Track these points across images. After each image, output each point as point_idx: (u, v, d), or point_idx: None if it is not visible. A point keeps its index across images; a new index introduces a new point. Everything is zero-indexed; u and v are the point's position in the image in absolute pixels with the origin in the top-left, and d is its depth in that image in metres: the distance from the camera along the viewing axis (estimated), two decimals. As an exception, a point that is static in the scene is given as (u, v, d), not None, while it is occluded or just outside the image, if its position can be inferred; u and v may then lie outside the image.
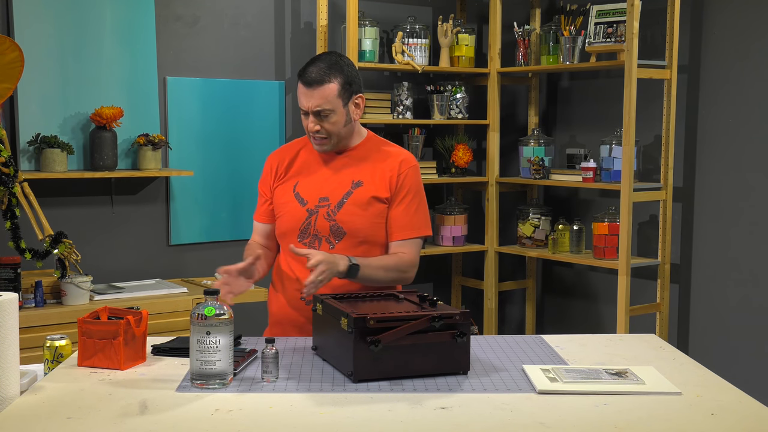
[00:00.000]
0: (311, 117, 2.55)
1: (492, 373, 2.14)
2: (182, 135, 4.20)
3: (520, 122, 5.18)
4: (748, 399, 1.97)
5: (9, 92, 3.08)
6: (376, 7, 4.71)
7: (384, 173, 2.62)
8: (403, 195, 2.63)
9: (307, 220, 2.60)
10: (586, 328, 4.91)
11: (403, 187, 2.63)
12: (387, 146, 2.71)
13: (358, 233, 2.58)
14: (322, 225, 2.59)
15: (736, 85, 4.23)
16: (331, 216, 2.59)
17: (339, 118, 2.56)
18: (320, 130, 2.56)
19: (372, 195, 2.60)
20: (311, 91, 2.53)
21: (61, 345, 2.21)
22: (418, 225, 2.63)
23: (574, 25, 4.50)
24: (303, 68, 2.58)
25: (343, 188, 2.61)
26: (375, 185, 2.61)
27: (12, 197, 3.14)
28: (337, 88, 2.54)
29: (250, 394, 1.97)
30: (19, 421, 1.80)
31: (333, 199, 2.60)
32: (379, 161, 2.64)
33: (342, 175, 2.63)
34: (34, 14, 3.80)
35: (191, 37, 4.22)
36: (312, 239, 2.60)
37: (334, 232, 2.58)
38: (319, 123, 2.55)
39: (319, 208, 2.60)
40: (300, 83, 2.56)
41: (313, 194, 2.62)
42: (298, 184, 2.65)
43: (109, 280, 3.96)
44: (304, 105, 2.55)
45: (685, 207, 4.46)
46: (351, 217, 2.58)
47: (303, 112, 2.57)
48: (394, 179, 2.62)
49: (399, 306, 2.24)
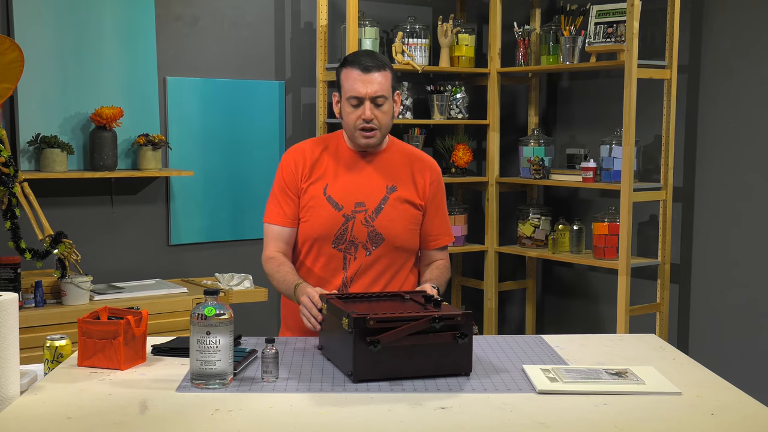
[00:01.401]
0: (368, 104, 2.47)
1: (492, 373, 2.14)
2: (182, 135, 4.20)
3: (520, 122, 5.18)
4: (748, 399, 1.97)
5: (9, 92, 3.07)
6: (376, 7, 4.71)
7: (417, 180, 2.61)
8: (438, 202, 2.65)
9: (343, 225, 2.53)
10: (586, 328, 4.91)
11: (437, 194, 2.65)
12: (410, 150, 2.68)
13: (396, 239, 2.57)
14: (359, 231, 2.53)
15: (736, 85, 4.23)
16: (369, 222, 2.54)
17: (390, 108, 2.52)
18: (374, 120, 2.48)
19: (408, 200, 2.59)
20: (370, 76, 2.46)
21: (61, 345, 2.21)
22: (450, 231, 2.72)
23: (574, 25, 4.50)
24: (351, 59, 2.51)
25: (378, 193, 2.56)
26: (409, 191, 2.59)
27: (12, 197, 3.14)
28: (391, 76, 2.52)
29: (250, 394, 1.97)
30: (19, 421, 1.80)
31: (370, 204, 2.54)
32: (409, 166, 2.62)
33: (375, 179, 2.57)
34: (34, 14, 3.80)
35: (191, 37, 4.22)
36: (348, 245, 2.54)
37: (372, 239, 2.54)
38: (374, 112, 2.48)
39: (356, 213, 2.53)
40: (355, 70, 2.47)
41: (348, 199, 2.54)
42: (329, 186, 2.55)
43: (109, 280, 3.96)
44: (361, 91, 2.46)
45: (685, 207, 4.46)
46: (390, 222, 2.55)
47: (354, 102, 2.48)
48: (427, 187, 2.62)
49: (403, 306, 2.24)
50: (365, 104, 2.47)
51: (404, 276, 2.64)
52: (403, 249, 2.60)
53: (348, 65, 2.51)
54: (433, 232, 2.66)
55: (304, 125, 4.56)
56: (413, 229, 2.61)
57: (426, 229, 2.65)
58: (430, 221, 2.64)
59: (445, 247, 2.71)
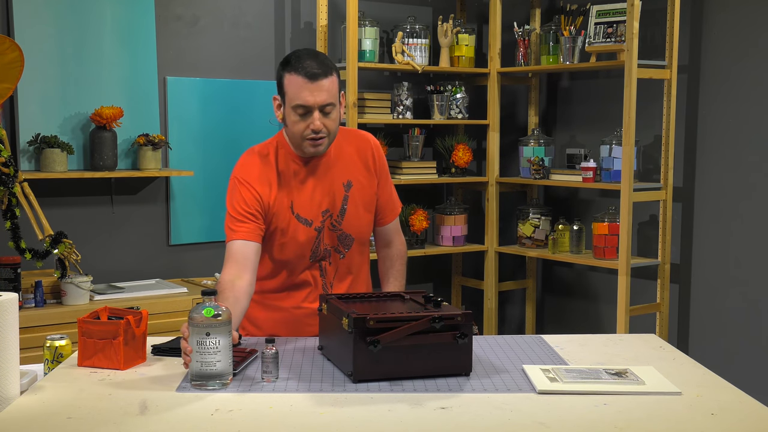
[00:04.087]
0: (316, 114, 2.33)
1: (492, 373, 2.14)
2: (182, 135, 4.20)
3: (520, 122, 5.18)
4: (748, 399, 1.97)
5: (9, 92, 3.07)
6: (376, 7, 4.71)
7: (364, 160, 2.54)
8: (384, 176, 2.59)
9: (316, 239, 2.49)
10: (586, 328, 4.91)
11: (382, 169, 2.58)
12: (345, 131, 2.57)
13: (362, 235, 2.55)
14: (329, 237, 2.50)
15: (736, 85, 4.23)
16: (336, 226, 2.50)
17: (337, 114, 2.41)
18: (323, 129, 2.35)
19: (365, 190, 2.54)
20: (317, 84, 2.31)
21: (61, 345, 2.21)
22: (398, 202, 2.68)
23: (574, 25, 4.50)
24: (295, 63, 2.34)
25: (339, 194, 2.50)
26: (362, 177, 2.53)
27: (12, 197, 3.14)
28: (337, 81, 2.40)
29: (250, 394, 1.97)
30: (19, 421, 1.80)
31: (333, 209, 2.50)
32: (354, 150, 2.53)
33: (332, 182, 2.49)
34: (34, 14, 3.80)
35: (191, 37, 4.22)
36: (323, 254, 2.51)
37: (342, 241, 2.52)
38: (323, 121, 2.35)
39: (324, 222, 2.49)
40: (299, 77, 2.32)
41: (314, 211, 2.48)
42: (294, 204, 2.46)
43: (109, 280, 3.96)
44: (308, 101, 2.32)
45: (685, 207, 4.46)
46: (355, 221, 2.52)
47: (301, 111, 2.34)
48: (372, 164, 2.55)
49: (403, 306, 2.23)
50: (314, 114, 2.34)
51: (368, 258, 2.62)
52: (367, 239, 2.60)
53: (291, 70, 2.34)
54: (387, 206, 2.61)
55: (304, 125, 4.55)
56: (372, 217, 2.58)
57: (381, 202, 2.59)
58: (381, 194, 2.58)
59: (397, 220, 2.67)
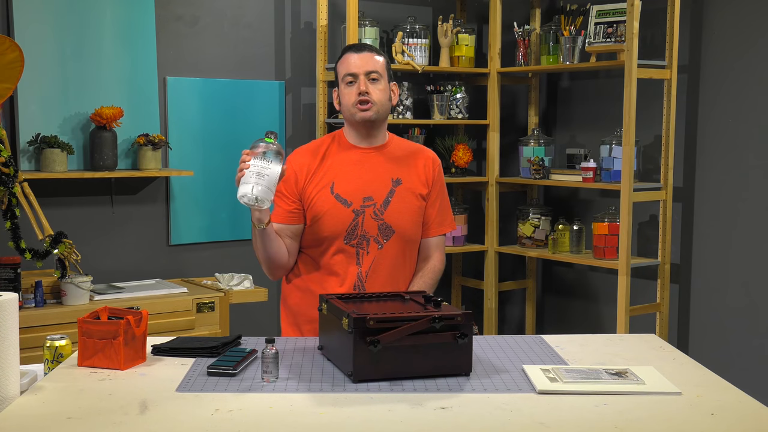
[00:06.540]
0: (362, 78, 2.56)
1: (492, 373, 2.14)
2: (182, 135, 4.20)
3: (520, 122, 5.18)
4: (748, 399, 1.97)
5: (9, 92, 3.08)
6: (376, 7, 4.71)
7: (419, 170, 2.68)
8: (438, 191, 2.71)
9: (353, 221, 2.59)
10: (586, 328, 4.91)
11: (437, 183, 2.71)
12: (410, 144, 2.76)
13: (405, 231, 2.63)
14: (370, 225, 2.59)
15: (736, 85, 4.23)
16: (379, 215, 2.60)
17: (385, 89, 2.60)
18: (369, 94, 2.56)
19: (413, 191, 2.65)
20: (363, 55, 2.58)
21: (61, 345, 2.21)
22: (450, 220, 2.76)
23: (574, 25, 4.50)
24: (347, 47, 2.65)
25: (384, 186, 2.62)
26: (413, 182, 2.65)
27: (12, 197, 3.14)
28: (385, 61, 2.62)
29: (250, 394, 1.97)
30: (19, 421, 1.80)
31: (377, 198, 2.61)
32: (411, 158, 2.69)
33: (380, 173, 2.63)
34: (34, 14, 3.80)
35: (191, 37, 4.22)
36: (360, 240, 2.60)
37: (382, 232, 2.61)
38: (368, 86, 2.56)
39: (365, 208, 2.59)
40: (349, 53, 2.60)
41: (356, 194, 2.60)
42: (335, 185, 2.61)
43: (109, 280, 3.96)
44: (353, 68, 2.56)
45: (685, 207, 4.46)
46: (399, 215, 2.62)
47: (350, 79, 2.57)
48: (430, 176, 2.68)
49: (403, 306, 2.24)
50: (360, 79, 2.56)
51: (412, 267, 2.70)
52: (412, 240, 2.66)
53: (343, 53, 2.63)
54: (434, 220, 2.71)
55: (304, 125, 4.56)
56: (419, 221, 2.67)
57: (428, 214, 2.70)
58: (431, 206, 2.70)
59: (443, 236, 2.74)
